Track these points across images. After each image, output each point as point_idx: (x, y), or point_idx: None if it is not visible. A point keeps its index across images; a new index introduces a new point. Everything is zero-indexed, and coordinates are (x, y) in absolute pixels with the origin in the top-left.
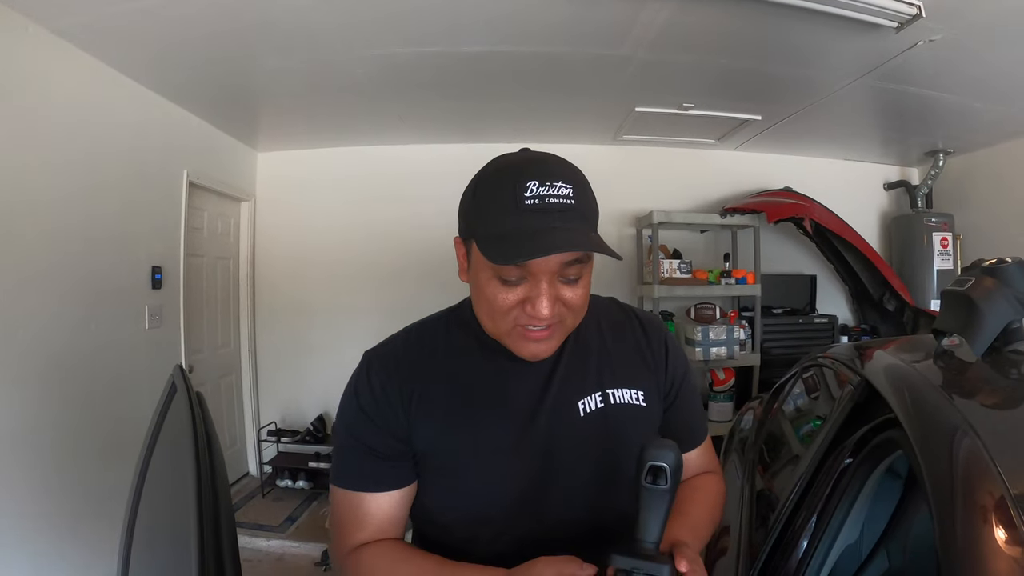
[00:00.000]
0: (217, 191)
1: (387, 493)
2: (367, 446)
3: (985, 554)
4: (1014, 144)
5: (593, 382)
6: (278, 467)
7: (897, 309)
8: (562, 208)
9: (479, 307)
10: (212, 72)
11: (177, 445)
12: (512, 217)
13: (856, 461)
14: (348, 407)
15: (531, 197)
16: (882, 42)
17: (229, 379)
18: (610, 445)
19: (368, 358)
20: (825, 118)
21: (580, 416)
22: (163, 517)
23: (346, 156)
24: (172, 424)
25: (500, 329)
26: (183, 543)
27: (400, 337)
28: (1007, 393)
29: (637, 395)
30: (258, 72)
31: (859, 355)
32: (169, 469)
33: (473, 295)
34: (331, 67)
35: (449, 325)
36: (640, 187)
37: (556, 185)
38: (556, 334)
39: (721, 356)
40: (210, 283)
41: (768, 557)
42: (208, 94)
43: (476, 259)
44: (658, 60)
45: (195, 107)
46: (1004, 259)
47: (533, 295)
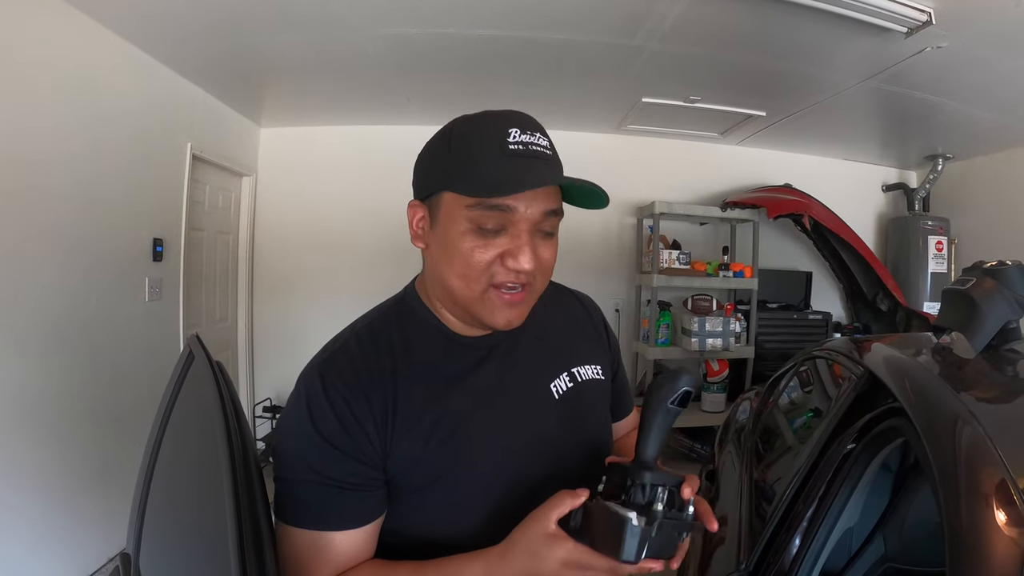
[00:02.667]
0: (219, 165)
1: (360, 530)
2: (331, 479)
3: (988, 533)
4: (1013, 152)
5: (559, 363)
6: (272, 444)
7: (890, 309)
8: (544, 156)
9: (448, 268)
10: (220, 44)
11: (198, 416)
12: (499, 160)
13: (859, 447)
14: (301, 435)
15: (515, 143)
16: (890, 46)
17: (226, 354)
18: (586, 423)
19: (318, 371)
20: (828, 117)
21: (556, 399)
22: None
23: (349, 135)
24: (189, 394)
25: (473, 292)
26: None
27: (349, 341)
28: (1005, 387)
29: (597, 370)
30: (267, 46)
31: (857, 348)
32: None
33: (441, 257)
34: (342, 44)
35: (400, 321)
36: (642, 177)
37: (536, 135)
38: (528, 298)
39: (716, 347)
40: (209, 257)
41: (769, 541)
42: (215, 67)
43: (448, 212)
44: (669, 52)
45: (201, 79)
46: (1004, 262)
47: (514, 246)
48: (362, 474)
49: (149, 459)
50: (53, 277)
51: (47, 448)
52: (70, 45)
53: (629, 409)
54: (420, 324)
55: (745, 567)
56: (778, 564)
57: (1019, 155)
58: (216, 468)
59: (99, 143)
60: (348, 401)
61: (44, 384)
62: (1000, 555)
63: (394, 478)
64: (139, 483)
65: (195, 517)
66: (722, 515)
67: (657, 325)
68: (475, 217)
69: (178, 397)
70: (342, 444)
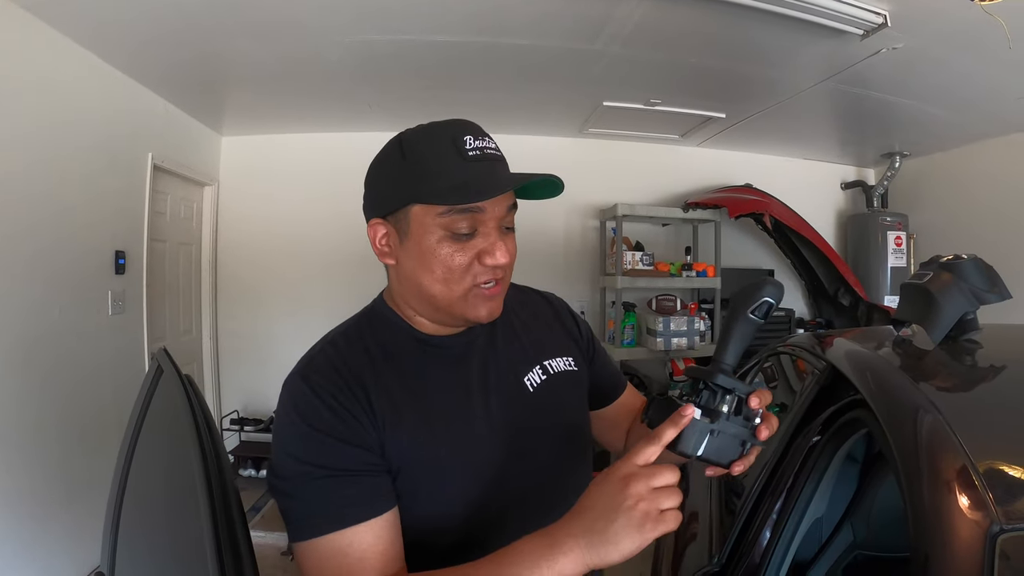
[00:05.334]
0: (181, 175)
1: (381, 518)
2: (336, 469)
3: (951, 517)
4: (968, 149)
5: (530, 357)
6: (241, 456)
7: (851, 304)
8: (498, 158)
9: (430, 276)
10: (180, 52)
11: (169, 429)
12: (462, 167)
13: (824, 439)
14: (293, 434)
15: (472, 149)
16: (847, 48)
17: (191, 367)
18: (561, 414)
19: (302, 376)
20: (787, 118)
21: (530, 392)
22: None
23: (311, 142)
24: (159, 409)
25: (456, 292)
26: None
27: (327, 349)
28: (963, 377)
29: (569, 361)
30: (228, 54)
31: (819, 343)
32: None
33: (418, 268)
34: (303, 51)
35: (372, 327)
36: (604, 180)
37: (486, 139)
38: (502, 289)
39: (681, 347)
40: (172, 269)
41: (740, 534)
42: (175, 75)
43: (420, 224)
44: (629, 56)
45: (161, 88)
46: (960, 255)
47: (489, 244)
48: (367, 460)
49: (120, 475)
50: (13, 291)
51: (12, 468)
52: (28, 54)
53: (622, 386)
54: (393, 330)
55: (717, 561)
56: (749, 557)
57: (974, 152)
58: (190, 483)
59: (59, 154)
60: (336, 395)
61: (6, 401)
62: (963, 538)
63: (392, 469)
64: (111, 500)
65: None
66: (693, 511)
67: (622, 326)
68: (448, 223)
69: (148, 412)
70: (341, 432)
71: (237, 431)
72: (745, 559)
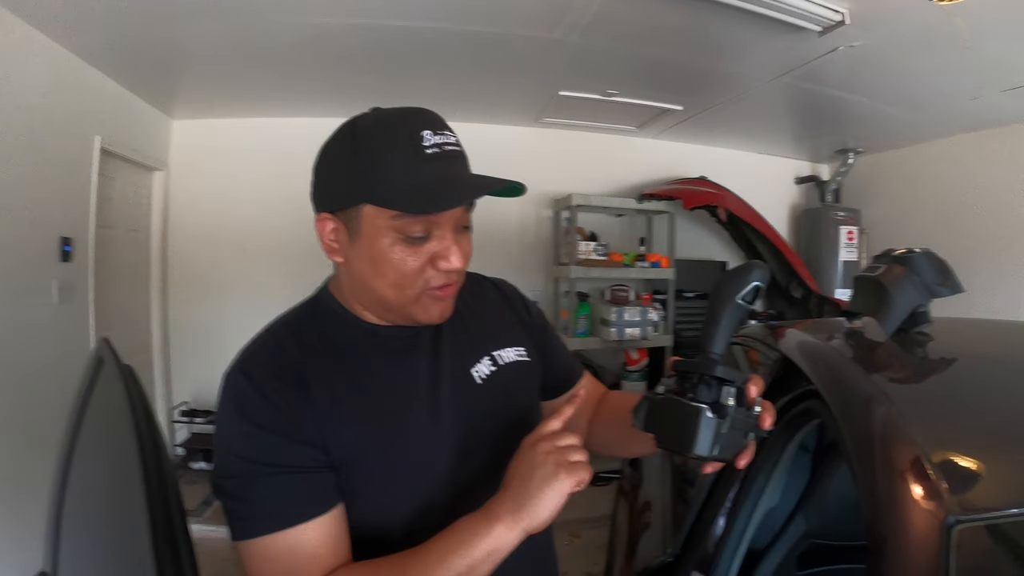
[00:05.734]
0: (130, 159)
1: (329, 515)
2: (281, 466)
3: (906, 509)
4: (920, 147)
5: (478, 349)
6: (192, 449)
7: (803, 297)
8: (457, 155)
9: (380, 280)
10: (129, 30)
11: (109, 423)
12: (418, 167)
13: (777, 429)
14: (234, 432)
15: (431, 146)
16: (805, 44)
17: (140, 358)
18: (510, 406)
19: (241, 369)
20: (743, 112)
21: (478, 384)
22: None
23: (265, 128)
24: (100, 401)
25: (409, 296)
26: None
27: (268, 340)
28: (915, 368)
29: (520, 351)
30: (179, 33)
31: (772, 334)
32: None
33: (368, 270)
34: (257, 33)
35: (317, 317)
36: (559, 170)
37: (446, 133)
38: (456, 291)
39: (635, 337)
40: (120, 256)
41: (693, 524)
42: (124, 55)
43: (371, 225)
44: (587, 45)
45: (110, 68)
46: (913, 249)
47: (443, 248)
48: (312, 456)
49: (61, 472)
50: None
51: None
52: None
53: (579, 373)
54: (338, 320)
55: (672, 551)
56: (703, 546)
57: (927, 150)
58: (129, 478)
59: (2, 136)
60: (278, 390)
61: None
62: (919, 529)
63: (335, 464)
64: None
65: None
66: (647, 500)
67: (576, 316)
68: (401, 227)
69: (88, 405)
70: (284, 428)
71: (188, 423)
72: (699, 549)
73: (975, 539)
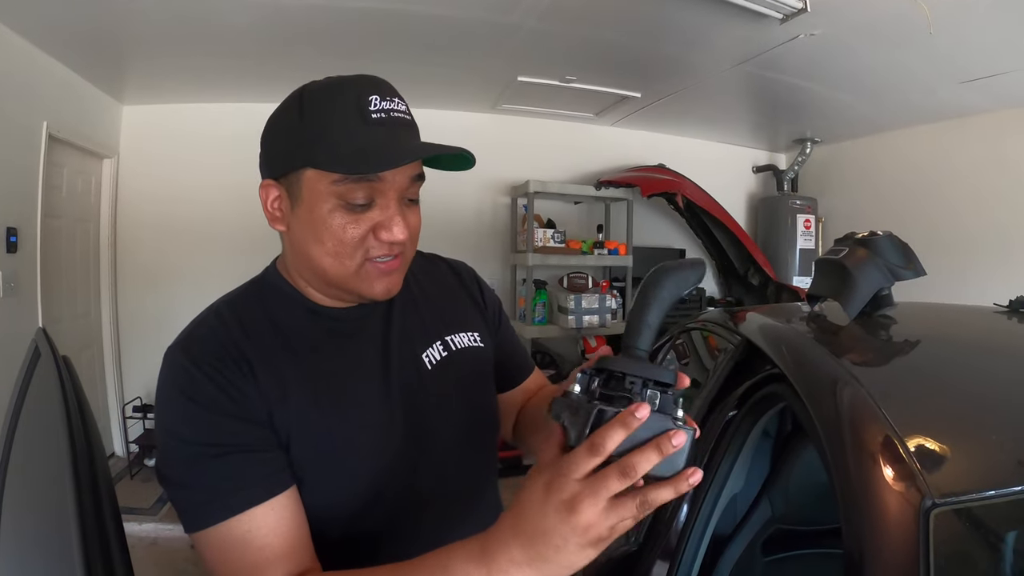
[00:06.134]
0: (78, 146)
1: (283, 495)
2: (226, 446)
3: (881, 494)
4: (877, 138)
5: (430, 332)
6: (146, 445)
7: (761, 283)
8: (405, 123)
9: (319, 248)
10: (77, 11)
11: (45, 417)
12: (361, 131)
13: (740, 413)
14: (175, 414)
15: (376, 111)
16: (765, 32)
17: (90, 351)
18: (463, 394)
19: (182, 348)
20: (702, 100)
21: (428, 369)
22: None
23: (217, 113)
24: (37, 394)
25: (348, 268)
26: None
27: (211, 319)
28: (880, 350)
29: (474, 336)
30: (128, 14)
31: (732, 318)
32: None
33: (308, 238)
34: (206, 12)
35: (262, 297)
36: (516, 157)
37: (395, 100)
38: (402, 265)
39: (593, 324)
40: (69, 247)
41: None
42: (71, 36)
43: (312, 191)
44: (546, 30)
45: (57, 51)
46: (876, 232)
47: (386, 218)
48: (258, 434)
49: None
50: None
51: None
52: None
53: (528, 369)
54: (284, 299)
55: (635, 540)
56: (667, 534)
57: (883, 141)
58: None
59: None
60: (218, 368)
61: None
62: (895, 514)
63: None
64: None
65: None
66: None
67: (533, 304)
68: (343, 192)
69: (26, 398)
70: (226, 406)
71: (140, 418)
72: (663, 537)
73: (954, 523)
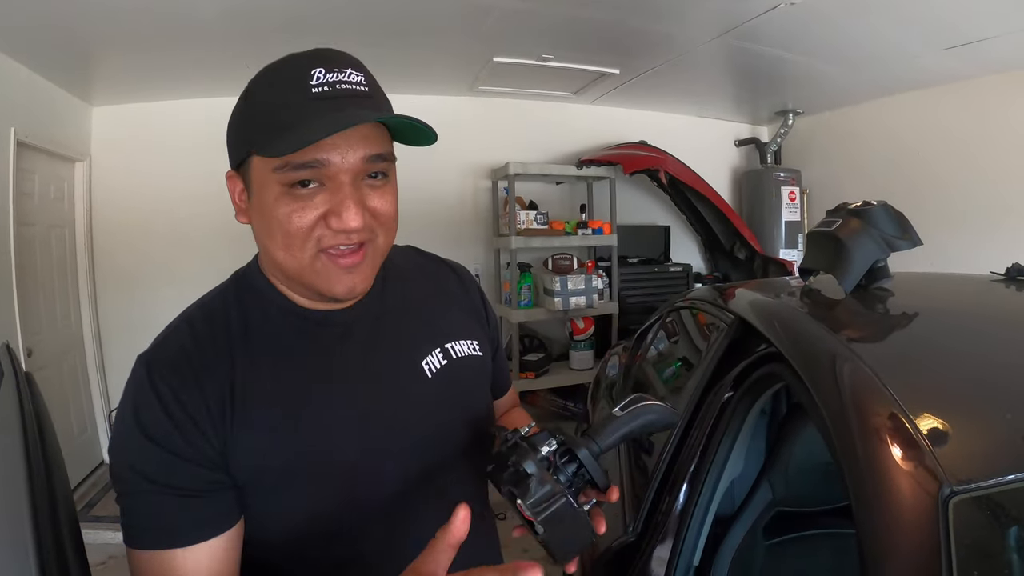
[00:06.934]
0: (49, 151)
1: (220, 538)
2: (171, 487)
3: (895, 483)
4: (859, 108)
5: (431, 339)
6: None
7: (748, 257)
8: (356, 94)
9: (271, 241)
10: (39, 11)
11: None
12: (301, 108)
13: (737, 395)
14: (128, 437)
15: (319, 84)
16: (744, 3)
17: (72, 359)
18: (465, 403)
19: (146, 362)
20: (682, 75)
21: (428, 378)
22: None
23: (191, 109)
24: None
25: (302, 261)
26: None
27: (182, 329)
28: (879, 324)
29: (474, 345)
30: (91, 12)
31: (721, 295)
32: None
33: (262, 230)
34: (172, 6)
35: (240, 299)
36: (496, 139)
37: (346, 71)
38: (369, 257)
39: (580, 305)
40: (44, 254)
41: (656, 495)
42: (34, 39)
43: (259, 178)
44: (519, 8)
45: (21, 54)
46: (870, 202)
47: (335, 202)
48: (202, 477)
49: None
50: None
51: None
52: None
53: (507, 386)
54: (262, 301)
55: (633, 529)
56: (666, 524)
57: (864, 110)
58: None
59: None
60: (177, 393)
61: None
62: (911, 505)
63: (242, 478)
64: None
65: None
66: None
67: (519, 287)
68: (285, 178)
69: None
70: (174, 446)
71: None
72: (662, 527)
73: (975, 511)
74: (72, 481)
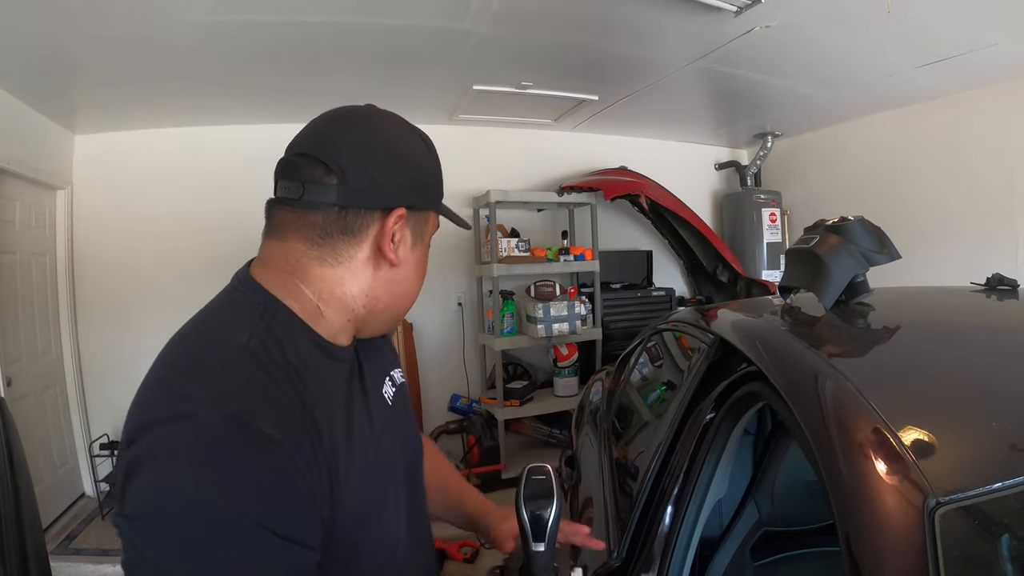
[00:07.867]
0: (30, 178)
1: None
2: (291, 541)
3: (879, 495)
4: (837, 128)
5: (384, 367)
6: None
7: (730, 280)
8: None
9: (415, 284)
10: (21, 39)
11: None
12: None
13: (719, 415)
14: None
15: None
16: (720, 26)
17: (53, 390)
18: (412, 429)
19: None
20: (661, 100)
21: (389, 406)
22: None
23: (174, 138)
24: None
25: None
26: None
27: (244, 364)
28: (860, 339)
29: (402, 373)
30: (74, 40)
31: (703, 316)
32: None
33: (411, 277)
34: (154, 34)
35: (276, 331)
36: (477, 167)
37: None
38: None
39: (563, 332)
40: (24, 283)
41: (640, 519)
42: (17, 66)
43: (427, 231)
44: (498, 36)
45: (3, 81)
46: (847, 217)
47: None
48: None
49: None
50: None
51: None
52: None
53: None
54: (296, 335)
55: (617, 555)
56: (651, 548)
57: (842, 131)
58: None
59: None
60: (291, 434)
61: None
62: (896, 517)
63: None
64: None
65: None
66: (587, 496)
67: (501, 315)
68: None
69: None
70: (303, 486)
71: (109, 456)
72: (646, 551)
73: (960, 523)
74: (53, 514)
